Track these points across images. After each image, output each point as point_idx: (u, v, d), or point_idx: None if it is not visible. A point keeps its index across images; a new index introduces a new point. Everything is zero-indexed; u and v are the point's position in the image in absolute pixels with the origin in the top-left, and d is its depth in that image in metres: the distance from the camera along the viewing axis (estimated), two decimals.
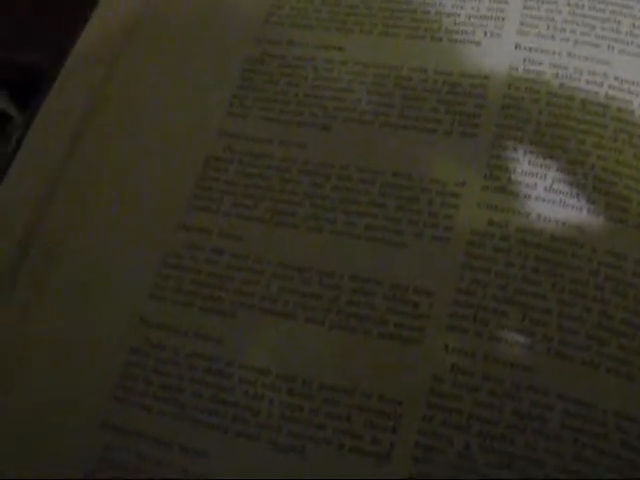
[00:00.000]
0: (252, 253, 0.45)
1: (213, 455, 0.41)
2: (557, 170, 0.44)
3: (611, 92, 0.45)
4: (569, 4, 0.48)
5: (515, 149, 0.44)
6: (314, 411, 0.41)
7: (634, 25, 0.47)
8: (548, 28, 0.47)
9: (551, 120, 0.45)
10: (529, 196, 0.43)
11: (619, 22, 0.47)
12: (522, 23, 0.48)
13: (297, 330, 0.43)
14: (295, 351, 0.42)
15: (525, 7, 0.48)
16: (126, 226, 0.47)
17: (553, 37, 0.47)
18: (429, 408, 0.40)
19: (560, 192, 0.43)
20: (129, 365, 0.44)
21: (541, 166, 0.44)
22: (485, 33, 0.48)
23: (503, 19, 0.48)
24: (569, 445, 0.39)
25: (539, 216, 0.43)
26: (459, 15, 0.49)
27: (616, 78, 0.45)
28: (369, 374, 0.41)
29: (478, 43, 0.48)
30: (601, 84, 0.45)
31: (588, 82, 0.46)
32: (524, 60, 0.47)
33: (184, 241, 0.46)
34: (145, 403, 0.43)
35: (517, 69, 0.46)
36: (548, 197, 0.43)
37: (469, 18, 0.49)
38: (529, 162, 0.44)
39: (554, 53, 0.47)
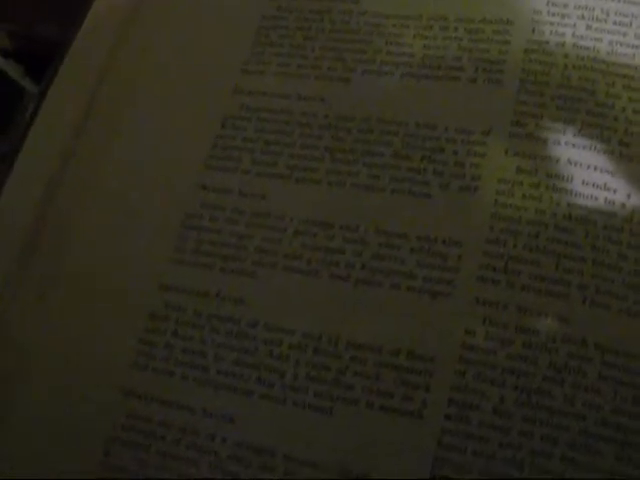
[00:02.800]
0: (273, 211, 0.42)
1: (239, 419, 0.39)
2: (586, 114, 0.41)
3: None
4: None
5: (542, 94, 0.41)
6: (341, 370, 0.38)
7: None
8: None
9: (578, 63, 0.42)
10: (558, 141, 0.40)
11: None
12: None
13: (322, 287, 0.40)
14: (320, 309, 0.40)
15: None
16: (143, 190, 0.45)
17: None
18: (461, 363, 0.37)
19: (590, 136, 0.40)
20: (148, 331, 0.41)
21: (569, 110, 0.41)
22: None
23: None
24: (608, 397, 0.36)
25: (569, 161, 0.40)
26: None
27: None
28: (398, 330, 0.39)
29: None
30: (629, 24, 0.42)
31: (615, 23, 0.42)
32: (548, 3, 0.43)
33: (203, 201, 0.43)
34: (167, 368, 0.40)
35: (541, 12, 0.43)
36: (578, 142, 0.40)
37: None
38: (557, 107, 0.41)
39: None
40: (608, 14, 0.43)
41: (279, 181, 0.43)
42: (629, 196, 0.39)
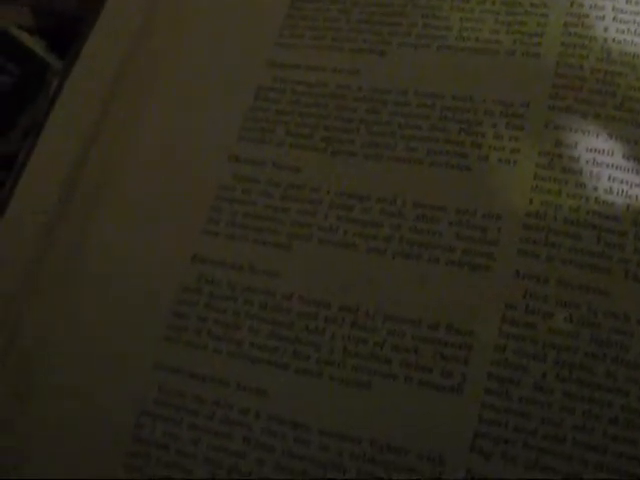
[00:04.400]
0: (308, 183, 0.41)
1: (273, 393, 0.38)
2: (627, 88, 0.39)
3: None
4: None
5: (581, 67, 0.40)
6: (379, 344, 0.37)
7: None
8: None
9: (618, 37, 0.41)
10: (599, 115, 0.39)
11: None
12: None
13: (358, 260, 0.39)
14: (357, 282, 0.39)
15: None
16: (176, 160, 0.44)
17: None
18: (502, 337, 0.36)
19: (631, 110, 0.39)
20: (181, 303, 0.40)
21: (609, 84, 0.40)
22: None
23: None
24: None
25: (610, 135, 0.39)
26: None
27: None
28: (436, 304, 0.37)
29: None
30: None
31: None
32: None
33: (236, 173, 0.42)
34: (200, 342, 0.39)
35: None
36: (618, 115, 0.39)
37: None
38: (597, 80, 0.40)
39: None
40: None
41: (314, 153, 0.41)
42: None
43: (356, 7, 0.45)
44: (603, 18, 0.41)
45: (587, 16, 0.41)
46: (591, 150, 0.39)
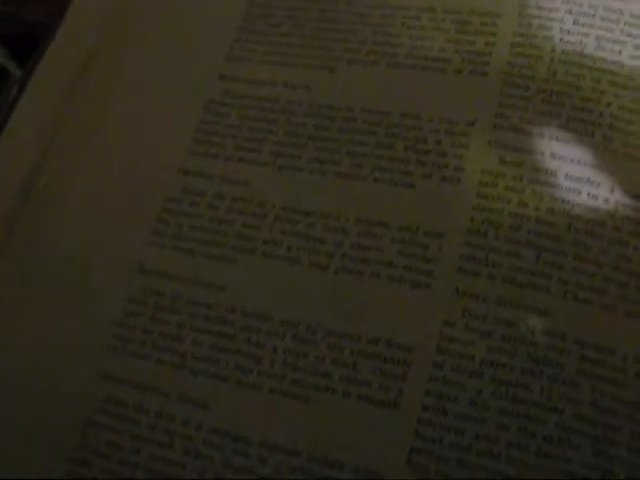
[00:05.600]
0: (255, 197, 0.41)
1: (214, 405, 0.38)
2: (571, 108, 0.40)
3: (627, 29, 0.41)
4: None
5: (527, 87, 0.40)
6: (319, 358, 0.37)
7: None
8: None
9: (564, 58, 0.41)
10: (542, 135, 0.39)
11: None
12: None
13: (301, 275, 0.39)
14: (299, 296, 0.39)
15: None
16: (126, 172, 0.43)
17: None
18: (440, 354, 0.36)
19: (575, 130, 0.39)
20: (127, 314, 0.40)
21: (555, 104, 0.40)
22: None
23: None
24: (586, 392, 0.35)
25: (553, 155, 0.39)
26: None
27: (632, 14, 0.41)
28: (377, 319, 0.38)
29: None
30: (617, 20, 0.41)
31: (603, 19, 0.41)
32: None
33: (184, 186, 0.42)
34: (144, 353, 0.39)
35: (528, 6, 0.42)
36: (562, 136, 0.39)
37: None
38: (542, 100, 0.40)
39: None
40: (596, 9, 0.42)
41: (261, 168, 0.42)
42: (612, 190, 0.38)
43: (308, 23, 0.45)
44: (550, 38, 0.41)
45: (535, 36, 0.41)
46: (534, 169, 0.39)
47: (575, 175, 0.39)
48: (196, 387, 0.38)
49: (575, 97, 0.40)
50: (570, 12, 0.42)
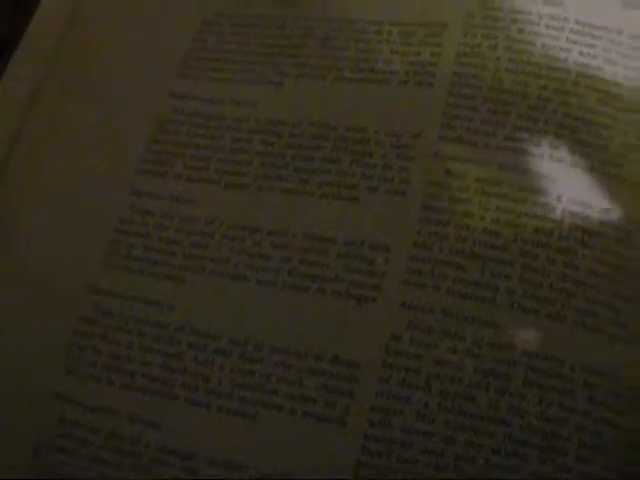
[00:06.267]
0: (203, 216, 0.41)
1: (163, 424, 0.38)
2: (517, 117, 0.39)
3: (572, 36, 0.41)
4: None
5: (473, 97, 0.40)
6: (266, 376, 0.37)
7: None
8: None
9: (510, 66, 0.41)
10: (488, 145, 0.39)
11: None
12: None
13: (248, 292, 0.39)
14: (246, 314, 0.39)
15: None
16: (77, 194, 0.44)
17: None
18: (386, 368, 0.36)
19: (521, 140, 0.39)
20: (77, 334, 0.40)
21: (500, 113, 0.40)
22: None
23: None
24: (533, 403, 0.35)
25: (500, 165, 0.39)
26: None
27: (577, 22, 0.41)
28: (323, 335, 0.38)
29: None
30: (562, 28, 0.41)
31: (548, 27, 0.41)
32: (481, 6, 0.42)
33: (134, 207, 0.42)
34: (94, 373, 0.39)
35: (474, 16, 0.42)
36: (508, 145, 0.39)
37: None
38: (488, 110, 0.40)
39: None
40: (541, 17, 0.41)
41: (209, 186, 0.42)
42: (559, 199, 0.38)
43: (256, 39, 0.45)
44: (496, 47, 0.41)
45: (480, 46, 0.41)
46: (480, 180, 0.39)
47: (521, 184, 0.38)
48: (146, 406, 0.38)
49: (521, 106, 0.40)
50: (515, 21, 0.42)
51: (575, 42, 0.41)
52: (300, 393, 0.37)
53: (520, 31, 0.41)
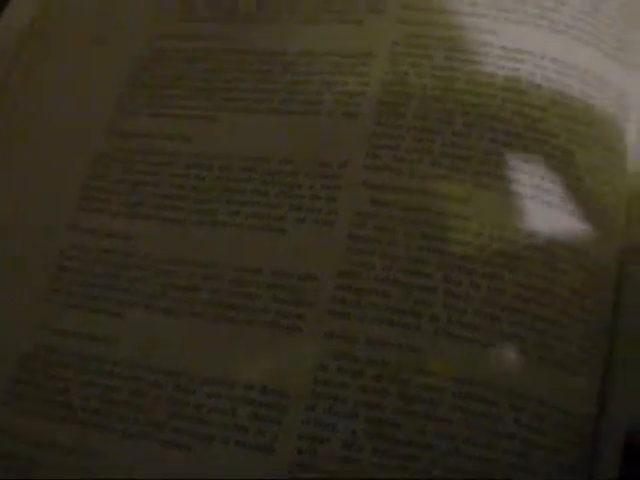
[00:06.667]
0: (139, 251, 0.42)
1: (103, 456, 0.39)
2: (442, 144, 0.40)
3: (498, 62, 0.41)
4: None
5: (398, 126, 0.41)
6: (198, 406, 0.38)
7: None
8: (430, 0, 0.44)
9: (436, 94, 0.41)
10: (414, 173, 0.40)
11: None
12: None
13: (181, 325, 0.40)
14: (179, 347, 0.40)
15: None
16: (17, 229, 0.44)
17: (436, 9, 0.43)
18: (314, 397, 0.37)
19: (445, 166, 0.40)
20: (21, 370, 0.41)
21: (426, 141, 0.40)
22: (367, 10, 0.44)
23: None
24: (460, 428, 0.36)
25: (424, 192, 0.39)
26: None
27: (503, 47, 0.42)
28: (252, 366, 0.38)
29: (360, 22, 0.44)
30: (487, 54, 0.42)
31: (474, 53, 0.42)
32: (407, 35, 0.43)
33: (74, 243, 0.43)
34: (36, 408, 0.40)
35: (400, 44, 0.43)
36: (433, 172, 0.40)
37: None
38: (413, 138, 0.40)
39: (439, 25, 0.43)
40: (467, 44, 0.42)
41: (145, 222, 0.42)
42: (483, 225, 0.39)
43: (192, 74, 0.45)
44: (421, 75, 0.42)
45: (406, 74, 0.42)
46: (405, 208, 0.39)
47: (446, 211, 0.39)
48: (86, 439, 0.39)
49: (446, 133, 0.40)
50: (441, 48, 0.42)
51: (502, 67, 0.41)
52: (232, 422, 0.38)
53: (447, 58, 0.42)
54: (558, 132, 0.40)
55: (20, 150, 0.47)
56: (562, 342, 0.38)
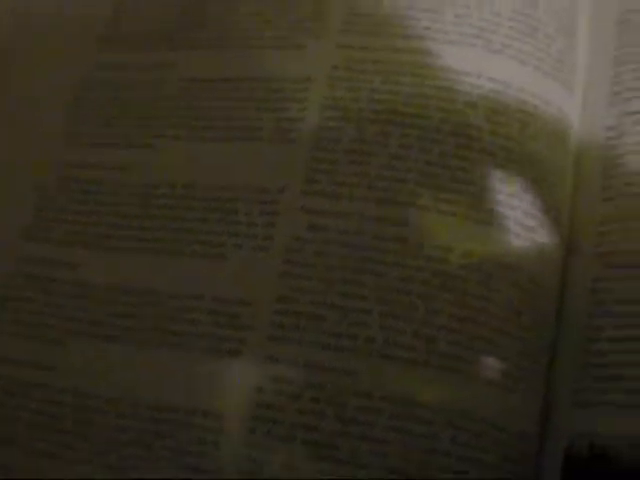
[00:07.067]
0: (82, 280, 0.42)
1: None
2: (379, 167, 0.40)
3: (435, 82, 0.42)
4: None
5: (335, 150, 0.41)
6: (141, 431, 0.39)
7: (457, 15, 0.43)
8: (370, 24, 0.44)
9: (373, 117, 0.42)
10: (351, 197, 0.40)
11: (443, 13, 0.43)
12: (344, 22, 0.45)
13: (123, 352, 0.40)
14: (121, 374, 0.40)
15: (349, 8, 0.45)
16: None
17: (376, 33, 0.44)
18: (253, 421, 0.38)
19: (383, 189, 0.40)
20: None
21: (362, 164, 0.41)
22: (308, 36, 0.45)
23: (325, 20, 0.45)
24: (396, 447, 0.36)
25: (362, 216, 0.40)
26: (281, 20, 0.46)
27: (440, 68, 0.42)
28: (192, 390, 0.39)
29: (300, 46, 0.45)
30: (424, 76, 0.42)
31: (413, 75, 0.42)
32: (346, 58, 0.43)
33: (21, 272, 0.44)
34: None
35: (338, 68, 0.43)
36: (368, 195, 0.40)
37: (291, 22, 0.45)
38: (350, 161, 0.41)
39: (376, 50, 0.43)
40: (403, 66, 0.42)
41: (88, 251, 0.43)
42: (421, 246, 0.39)
43: (132, 103, 0.46)
44: (358, 99, 0.42)
45: (343, 99, 0.42)
46: (343, 232, 0.40)
47: (382, 235, 0.39)
48: (34, 467, 0.40)
49: (382, 156, 0.41)
50: (379, 72, 0.42)
51: (439, 88, 0.42)
52: (173, 446, 0.38)
53: (384, 82, 0.42)
54: (494, 150, 0.41)
55: None
56: (498, 360, 0.38)
